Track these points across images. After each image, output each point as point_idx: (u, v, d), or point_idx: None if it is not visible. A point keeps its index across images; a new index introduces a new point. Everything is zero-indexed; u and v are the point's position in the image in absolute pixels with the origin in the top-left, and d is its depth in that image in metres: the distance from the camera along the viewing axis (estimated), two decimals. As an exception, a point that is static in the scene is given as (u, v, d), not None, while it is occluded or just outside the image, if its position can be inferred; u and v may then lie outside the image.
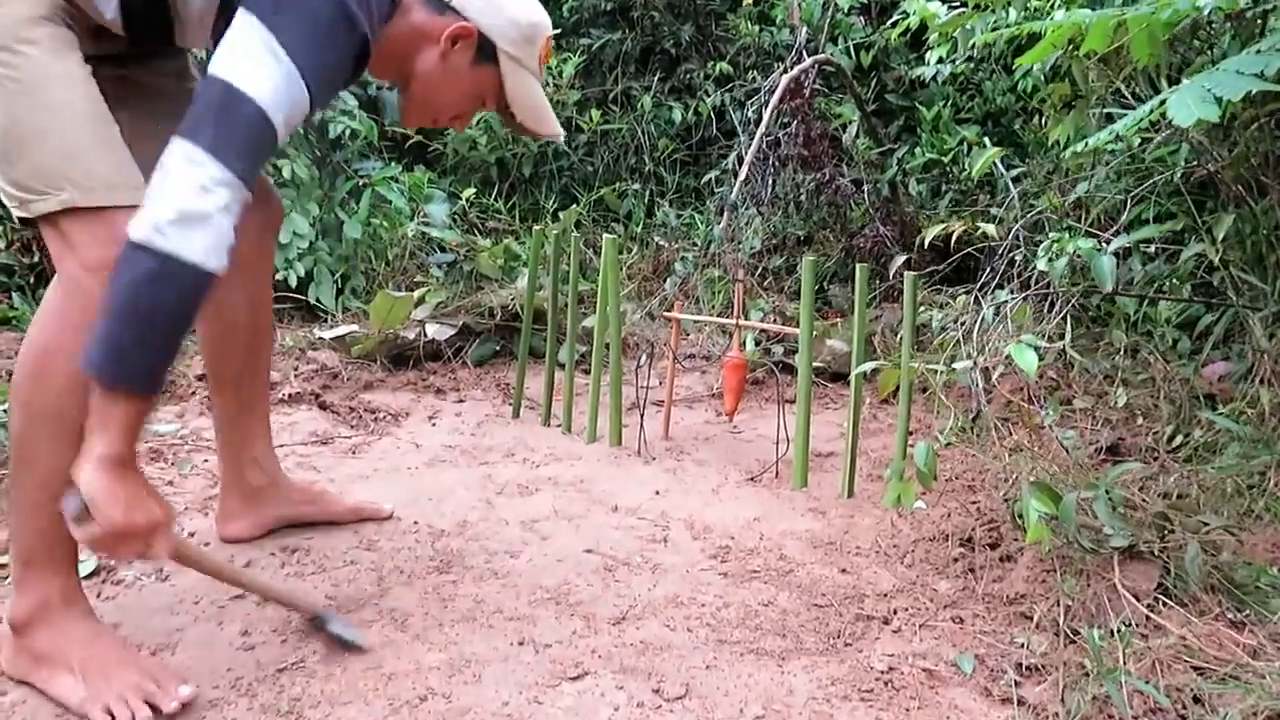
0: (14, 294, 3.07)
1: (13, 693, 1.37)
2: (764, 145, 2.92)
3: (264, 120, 1.22)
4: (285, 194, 3.43)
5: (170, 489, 2.08)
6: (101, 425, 1.17)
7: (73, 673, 1.35)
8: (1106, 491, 1.59)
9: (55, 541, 1.35)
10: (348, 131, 3.61)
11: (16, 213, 1.33)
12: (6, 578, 1.50)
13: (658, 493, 2.21)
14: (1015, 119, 4.13)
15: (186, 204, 1.15)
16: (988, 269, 2.19)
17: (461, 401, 2.88)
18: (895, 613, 1.64)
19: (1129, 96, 2.37)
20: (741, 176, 2.63)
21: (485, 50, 1.50)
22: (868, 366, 1.88)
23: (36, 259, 3.18)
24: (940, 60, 3.30)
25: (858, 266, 2.15)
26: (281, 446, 2.39)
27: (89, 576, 1.68)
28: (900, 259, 2.07)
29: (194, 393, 2.62)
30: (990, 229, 1.88)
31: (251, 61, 1.21)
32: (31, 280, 3.17)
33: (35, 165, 1.29)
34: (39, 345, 1.32)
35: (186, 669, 1.44)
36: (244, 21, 1.23)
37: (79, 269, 1.29)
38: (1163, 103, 1.42)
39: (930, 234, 2.08)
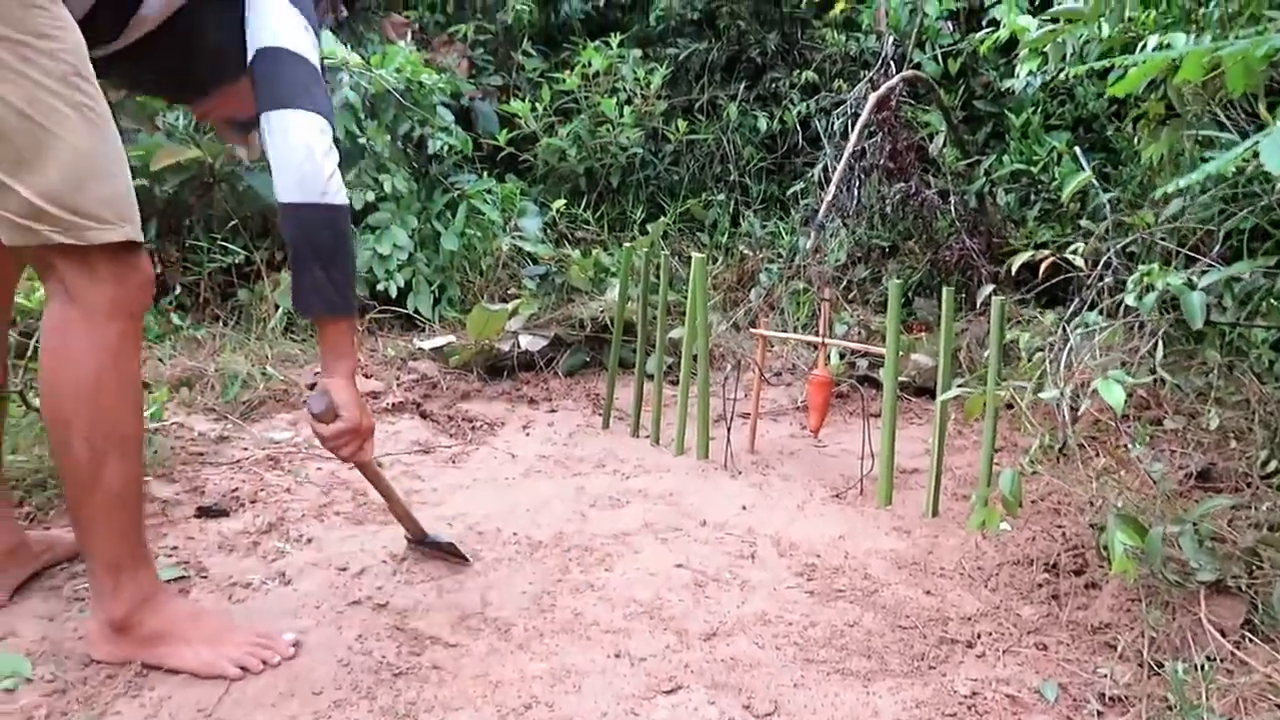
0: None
1: (159, 688, 1.50)
2: (850, 160, 2.95)
3: (320, 75, 1.54)
4: (385, 208, 3.58)
5: (288, 495, 2.23)
6: (335, 349, 1.56)
7: (189, 644, 1.50)
8: (1194, 526, 1.60)
9: (136, 541, 1.49)
10: (445, 147, 3.75)
11: (58, 238, 1.32)
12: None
13: (744, 508, 2.28)
14: (1108, 125, 4.07)
15: (329, 165, 1.47)
16: (1076, 295, 2.19)
17: (553, 411, 2.99)
18: (979, 637, 1.69)
19: (1226, 121, 2.35)
20: (829, 196, 2.68)
21: None
22: (954, 392, 1.92)
23: (158, 270, 3.39)
24: (1030, 73, 3.28)
25: (944, 290, 2.18)
26: (387, 455, 2.53)
27: (177, 579, 1.82)
28: (988, 288, 2.09)
29: (304, 402, 2.77)
30: (1079, 260, 1.89)
31: (296, 30, 1.50)
32: (154, 291, 3.38)
33: (108, 195, 1.34)
34: (88, 380, 1.36)
35: (311, 670, 1.56)
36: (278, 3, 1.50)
37: (110, 302, 1.37)
38: (1255, 142, 1.43)
39: (1018, 261, 2.10)
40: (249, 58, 1.50)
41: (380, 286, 3.46)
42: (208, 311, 3.39)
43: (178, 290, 3.41)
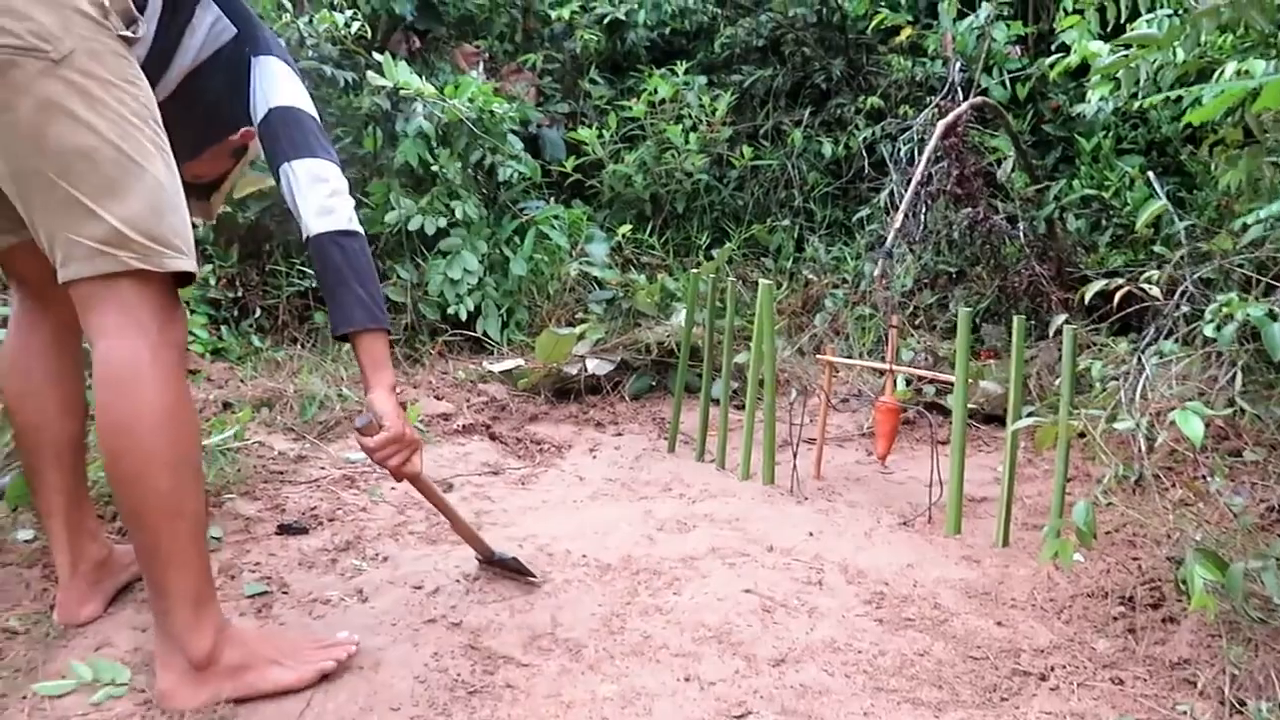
0: (222, 327, 3.40)
1: (240, 711, 1.55)
2: (917, 186, 2.95)
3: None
4: (456, 233, 3.67)
5: (364, 514, 2.29)
6: (375, 363, 1.63)
7: (270, 665, 1.53)
8: (1277, 561, 1.57)
9: (208, 574, 1.50)
10: (515, 174, 3.83)
11: (136, 264, 1.36)
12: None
13: (811, 534, 2.28)
14: (1182, 149, 4.00)
15: (347, 201, 1.63)
16: (1151, 323, 2.16)
17: (620, 435, 3.03)
18: (1053, 669, 1.67)
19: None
20: (896, 224, 2.68)
21: (243, 150, 1.87)
22: (1025, 422, 1.91)
23: (240, 293, 3.52)
24: (1102, 99, 3.25)
25: (1015, 319, 2.17)
26: (457, 476, 2.59)
27: (260, 595, 1.89)
28: (1061, 317, 2.07)
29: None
30: (1155, 290, 1.87)
31: (301, 92, 1.66)
32: (235, 314, 3.51)
33: (180, 226, 1.42)
34: (165, 409, 1.39)
35: (390, 686, 1.60)
36: (280, 66, 1.65)
37: (170, 331, 1.42)
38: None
39: (1090, 291, 2.08)
40: (259, 116, 1.62)
41: (451, 310, 3.54)
42: (286, 334, 3.50)
43: (258, 313, 3.53)
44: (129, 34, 1.39)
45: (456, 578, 1.99)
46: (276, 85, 1.63)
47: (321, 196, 1.59)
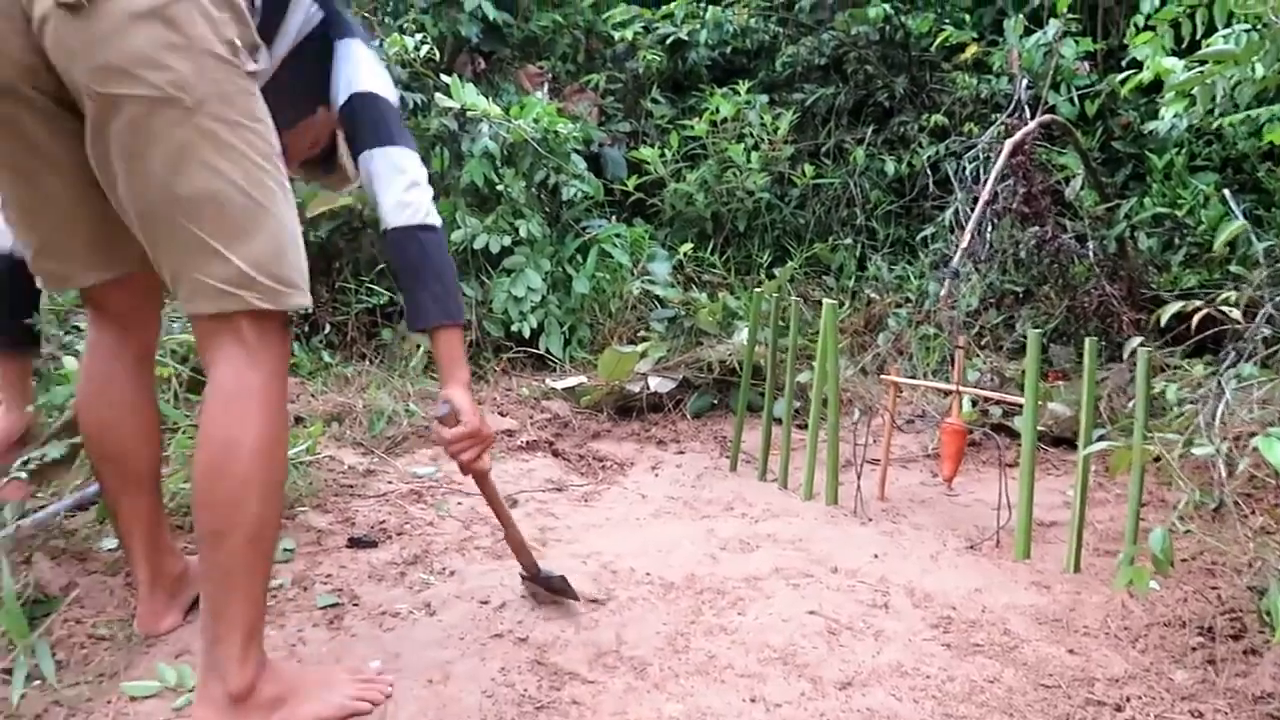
0: (294, 343, 3.48)
1: None
2: (985, 207, 2.92)
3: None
4: (520, 251, 3.72)
5: (431, 529, 2.33)
6: (453, 359, 1.66)
7: (308, 698, 1.53)
8: (1366, 592, 1.52)
9: (264, 609, 1.50)
10: (578, 193, 3.88)
11: (258, 303, 1.39)
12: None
13: (876, 556, 2.26)
14: (1259, 166, 3.90)
15: (426, 192, 1.64)
16: (1230, 346, 2.11)
17: (681, 453, 3.04)
18: (1128, 700, 1.63)
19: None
20: (964, 243, 2.65)
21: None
22: (1098, 447, 1.87)
23: (310, 310, 3.59)
24: (1176, 115, 3.19)
25: (1087, 341, 2.14)
26: (521, 492, 2.61)
27: (332, 606, 1.92)
28: (1136, 340, 2.03)
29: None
30: (1235, 313, 1.83)
31: (384, 78, 1.68)
32: (306, 330, 3.59)
33: (299, 263, 1.46)
34: (267, 437, 1.42)
35: (458, 700, 1.62)
36: (363, 51, 1.67)
37: (280, 362, 1.45)
38: None
39: (1168, 313, 2.04)
40: (341, 100, 1.64)
41: (514, 327, 3.59)
42: (354, 350, 3.57)
43: (327, 329, 3.61)
44: (256, 68, 1.41)
45: (522, 593, 2.01)
46: (360, 70, 1.65)
47: (400, 189, 1.60)
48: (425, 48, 3.77)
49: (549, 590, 1.95)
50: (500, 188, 3.72)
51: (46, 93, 1.37)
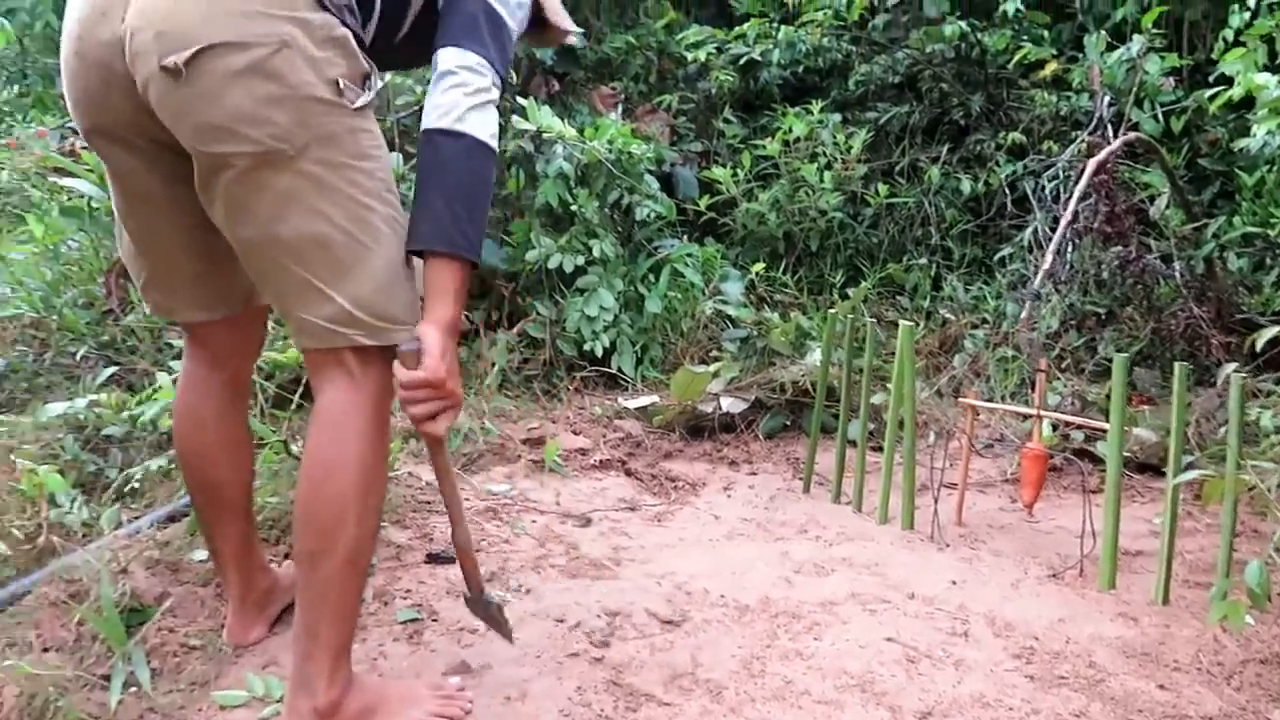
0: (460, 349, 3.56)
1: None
2: (1066, 227, 2.86)
3: (513, 41, 1.51)
4: (593, 271, 3.75)
5: (507, 546, 2.36)
6: (440, 293, 1.39)
7: (394, 712, 1.57)
8: None
9: (355, 628, 1.54)
10: (651, 213, 3.90)
11: (361, 340, 1.40)
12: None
13: (954, 582, 2.22)
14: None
15: (476, 98, 1.40)
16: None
17: (754, 474, 3.03)
18: (1223, 739, 1.58)
19: None
20: (1046, 264, 2.61)
21: None
22: (1189, 475, 1.82)
23: None
24: (1269, 133, 3.09)
25: (1177, 366, 2.08)
26: (595, 510, 2.63)
27: (412, 621, 1.96)
28: (1229, 367, 1.98)
29: (519, 456, 2.93)
30: (1337, 339, 1.77)
31: None
32: (471, 334, 3.64)
33: (408, 300, 1.44)
34: (369, 458, 1.45)
35: (535, 718, 1.64)
36: None
37: (385, 388, 1.46)
38: None
39: (1264, 338, 1.98)
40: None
41: (587, 346, 3.62)
42: (430, 367, 3.62)
43: (404, 347, 3.67)
44: (364, 101, 1.39)
45: (598, 612, 2.02)
46: None
47: (439, 91, 1.41)
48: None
49: (484, 617, 1.76)
50: (574, 208, 3.76)
51: (158, 141, 1.40)
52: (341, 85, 1.35)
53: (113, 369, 2.89)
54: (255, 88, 1.29)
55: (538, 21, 1.67)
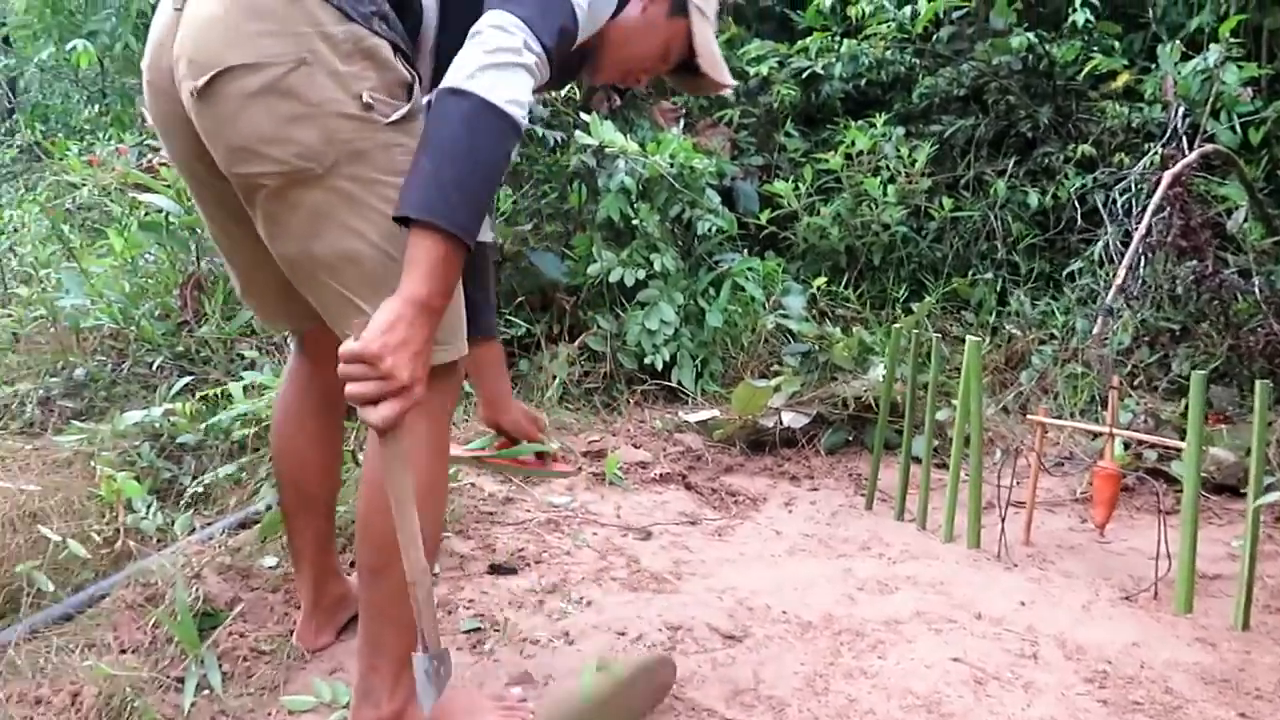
0: (521, 361, 3.62)
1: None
2: (1139, 241, 2.79)
3: (573, 14, 1.36)
4: (654, 285, 3.76)
5: (568, 558, 2.37)
6: (414, 264, 1.21)
7: None
8: None
9: (416, 635, 1.52)
10: (712, 228, 3.90)
11: None
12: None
13: (1023, 603, 2.18)
14: None
15: (496, 57, 1.24)
16: None
17: (815, 490, 3.00)
18: (1309, 772, 1.52)
19: None
20: (1118, 279, 2.55)
21: (678, 2, 1.55)
22: (1271, 497, 1.76)
23: (523, 331, 3.69)
24: (1355, 144, 2.99)
25: (1258, 384, 2.01)
26: (655, 524, 2.63)
27: (474, 631, 1.97)
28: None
29: (580, 469, 2.94)
30: None
31: None
32: (532, 347, 3.71)
33: (449, 321, 1.40)
34: (433, 473, 1.45)
35: (597, 730, 1.64)
36: None
37: (441, 405, 1.45)
38: None
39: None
40: None
41: (647, 360, 3.62)
42: (492, 379, 3.66)
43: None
44: (399, 115, 1.34)
45: (659, 626, 2.01)
46: None
47: (464, 50, 1.28)
48: (565, 87, 3.88)
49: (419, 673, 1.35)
50: (636, 222, 3.78)
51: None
52: (370, 99, 1.30)
53: (187, 379, 2.97)
54: (274, 107, 1.27)
55: (691, 69, 1.61)
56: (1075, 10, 4.56)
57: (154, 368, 3.09)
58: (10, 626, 1.82)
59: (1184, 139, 3.67)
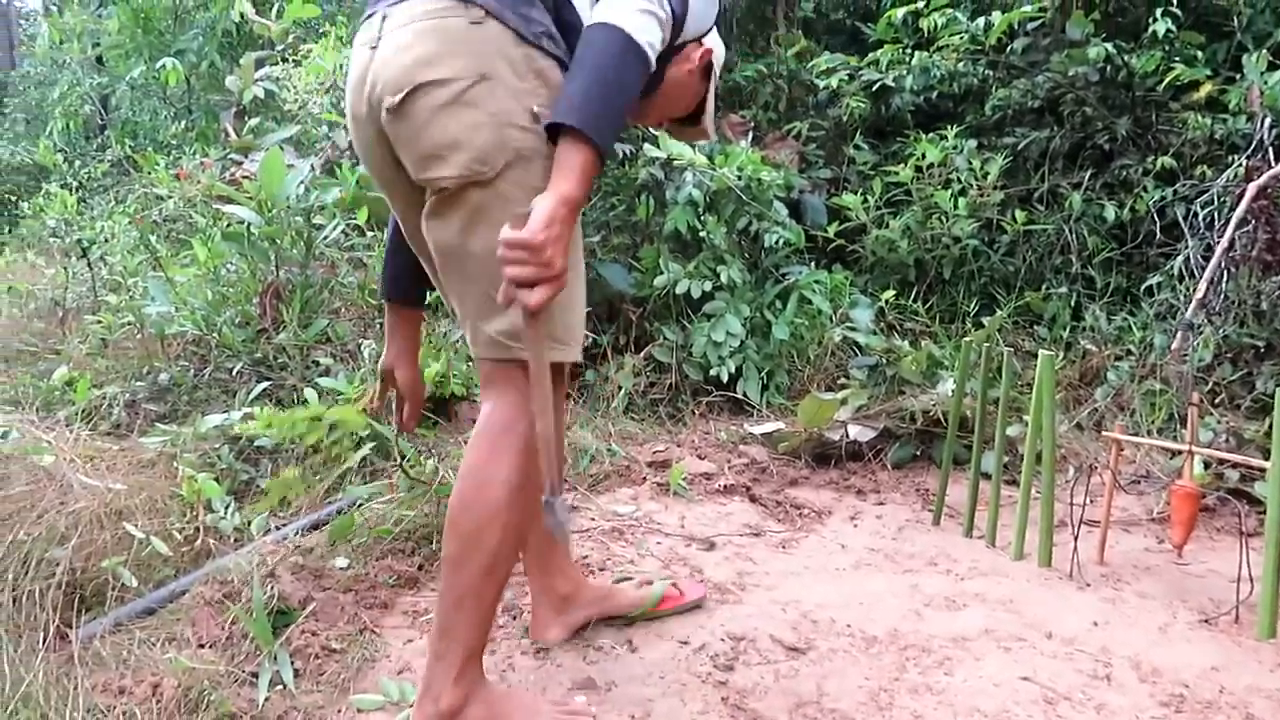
0: (587, 371, 3.67)
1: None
2: (1222, 259, 2.71)
3: (685, 2, 1.54)
4: (720, 297, 3.77)
5: (632, 566, 2.38)
6: (567, 168, 1.37)
7: None
8: None
9: (488, 633, 1.58)
10: (779, 240, 3.90)
11: (524, 356, 1.44)
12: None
13: (1096, 624, 2.12)
14: None
15: (642, 3, 1.43)
16: None
17: (881, 504, 2.96)
18: (1401, 806, 1.46)
19: None
20: (1199, 294, 2.48)
21: (707, 70, 1.77)
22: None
23: (589, 341, 3.73)
24: None
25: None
26: (719, 535, 2.63)
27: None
28: None
29: (644, 479, 2.95)
30: None
31: None
32: (599, 357, 3.76)
33: (572, 323, 1.52)
34: (522, 473, 1.50)
35: (659, 738, 1.65)
36: None
37: (524, 412, 1.50)
38: None
39: None
40: None
41: (713, 371, 3.63)
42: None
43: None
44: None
45: (721, 636, 2.01)
46: None
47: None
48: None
49: (550, 523, 1.50)
50: (703, 234, 3.79)
51: (412, 183, 1.53)
52: (539, 112, 1.44)
53: (265, 384, 3.06)
54: (459, 116, 1.41)
55: (691, 118, 1.82)
56: (1156, 20, 4.46)
57: (234, 373, 3.19)
58: (96, 619, 1.89)
59: (1270, 150, 3.56)
